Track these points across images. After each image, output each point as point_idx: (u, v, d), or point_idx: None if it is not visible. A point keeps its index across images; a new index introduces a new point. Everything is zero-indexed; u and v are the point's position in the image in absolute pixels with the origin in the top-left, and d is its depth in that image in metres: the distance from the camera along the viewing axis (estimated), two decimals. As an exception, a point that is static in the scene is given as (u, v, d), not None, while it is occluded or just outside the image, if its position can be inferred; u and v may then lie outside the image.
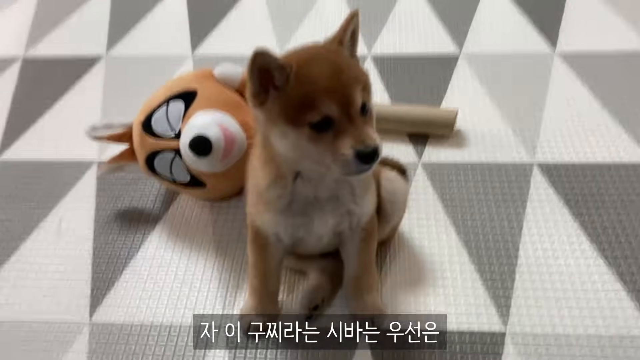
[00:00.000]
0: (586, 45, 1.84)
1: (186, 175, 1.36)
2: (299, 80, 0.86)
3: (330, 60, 0.88)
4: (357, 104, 0.87)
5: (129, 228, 1.42)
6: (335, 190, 1.00)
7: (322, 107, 0.85)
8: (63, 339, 1.20)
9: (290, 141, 0.89)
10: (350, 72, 0.87)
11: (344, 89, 0.85)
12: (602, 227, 1.32)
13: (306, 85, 0.86)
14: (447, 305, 1.19)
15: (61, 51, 2.05)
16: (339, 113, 0.85)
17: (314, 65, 0.87)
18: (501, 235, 1.32)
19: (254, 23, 2.08)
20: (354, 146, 0.85)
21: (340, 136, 0.86)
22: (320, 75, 0.86)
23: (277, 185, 0.99)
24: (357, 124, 0.86)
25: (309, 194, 0.99)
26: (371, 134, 0.87)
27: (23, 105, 1.83)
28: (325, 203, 1.01)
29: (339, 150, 0.86)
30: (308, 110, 0.85)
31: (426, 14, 2.05)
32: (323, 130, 0.86)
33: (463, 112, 1.63)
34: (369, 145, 0.85)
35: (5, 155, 1.66)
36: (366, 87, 0.89)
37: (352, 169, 0.87)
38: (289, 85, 0.86)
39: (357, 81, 0.87)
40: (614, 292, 1.19)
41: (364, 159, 0.86)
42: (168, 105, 1.35)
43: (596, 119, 1.58)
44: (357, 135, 0.86)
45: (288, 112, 0.87)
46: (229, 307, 1.23)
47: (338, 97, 0.85)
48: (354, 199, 1.02)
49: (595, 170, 1.45)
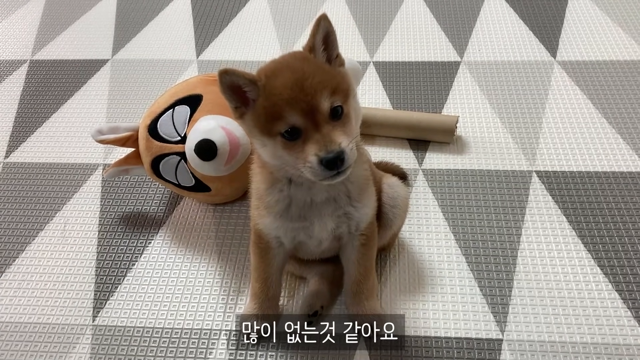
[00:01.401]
0: (586, 54, 1.86)
1: (191, 179, 1.38)
2: (267, 92, 0.89)
3: (295, 69, 0.90)
4: (323, 110, 0.88)
5: (133, 231, 1.44)
6: (330, 193, 1.02)
7: (287, 117, 0.88)
8: (66, 341, 1.22)
9: (268, 150, 0.93)
10: (315, 80, 0.88)
11: (307, 98, 0.87)
12: (600, 235, 1.33)
13: (273, 97, 0.89)
14: (445, 312, 1.21)
15: (68, 54, 2.07)
16: (304, 121, 0.88)
17: (279, 77, 0.89)
18: (500, 242, 1.34)
19: (258, 29, 2.10)
20: (317, 153, 0.87)
21: (307, 143, 0.89)
22: (284, 86, 0.88)
23: (274, 189, 1.02)
24: (323, 130, 0.88)
25: (305, 197, 1.01)
26: (336, 138, 0.88)
27: (30, 108, 1.86)
28: (322, 206, 1.03)
29: (306, 158, 0.88)
30: (276, 120, 0.89)
31: (428, 21, 2.07)
32: (293, 138, 0.89)
33: (464, 119, 1.65)
34: (332, 150, 0.87)
35: (12, 157, 1.68)
36: (337, 90, 0.90)
37: (319, 175, 0.89)
38: (260, 98, 0.90)
39: (323, 87, 0.88)
40: (610, 301, 1.21)
41: (328, 165, 0.88)
42: (174, 110, 1.38)
43: (595, 128, 1.60)
44: (320, 142, 0.88)
45: (261, 123, 0.91)
46: (230, 310, 1.25)
47: (301, 106, 0.88)
48: (351, 201, 1.04)
49: (594, 179, 1.46)
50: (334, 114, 0.90)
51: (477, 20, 2.05)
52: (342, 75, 0.95)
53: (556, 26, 1.99)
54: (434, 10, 2.12)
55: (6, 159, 1.68)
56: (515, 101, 1.71)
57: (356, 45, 1.98)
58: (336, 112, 0.90)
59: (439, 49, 1.94)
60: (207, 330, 1.22)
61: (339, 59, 0.98)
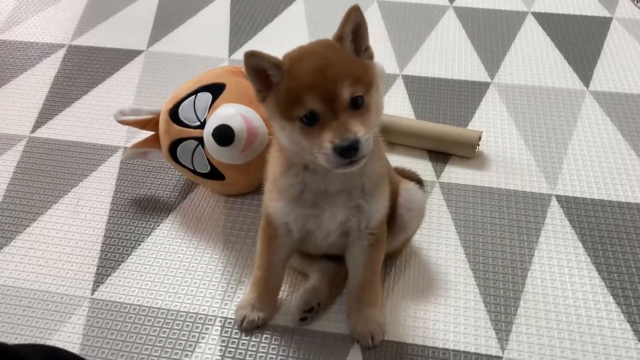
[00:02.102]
0: (620, 86, 1.82)
1: (206, 166, 1.38)
2: (290, 76, 0.90)
3: (320, 56, 0.91)
4: (343, 98, 0.88)
5: (143, 213, 1.45)
6: (344, 184, 1.01)
7: (307, 102, 0.88)
8: (63, 310, 1.23)
9: (287, 134, 0.94)
10: (338, 68, 0.89)
11: (327, 84, 0.88)
12: (616, 265, 1.28)
13: (295, 82, 0.90)
14: (446, 323, 1.18)
15: (105, 42, 2.12)
16: (323, 107, 0.88)
17: (303, 62, 0.90)
18: (511, 261, 1.30)
19: (292, 34, 2.12)
20: (333, 140, 0.87)
21: (324, 130, 0.89)
22: (307, 71, 0.89)
23: (289, 174, 1.02)
24: (341, 118, 0.88)
25: (319, 185, 1.01)
26: (352, 127, 0.88)
27: (62, 88, 1.90)
28: (335, 196, 1.02)
29: (322, 144, 0.88)
30: (296, 105, 0.89)
31: (462, 41, 2.06)
32: (311, 123, 0.90)
33: (488, 136, 1.63)
34: (347, 139, 0.87)
35: (38, 132, 1.71)
36: (360, 80, 0.90)
37: (333, 162, 0.89)
38: (283, 81, 0.91)
39: (345, 76, 0.88)
40: (620, 331, 1.15)
41: (342, 153, 0.87)
42: (196, 96, 1.39)
43: (623, 159, 1.55)
44: (337, 129, 0.88)
45: (282, 107, 0.92)
46: (228, 299, 1.24)
47: (321, 93, 0.88)
48: (364, 195, 1.03)
49: (615, 208, 1.41)
50: (354, 103, 0.90)
51: (512, 44, 2.03)
52: (367, 67, 0.95)
53: (592, 57, 1.96)
54: (469, 31, 2.11)
55: (32, 133, 1.71)
56: (542, 125, 1.68)
57: (387, 58, 1.98)
58: (356, 102, 0.90)
59: (470, 69, 1.92)
60: (203, 315, 1.21)
61: (368, 52, 0.97)
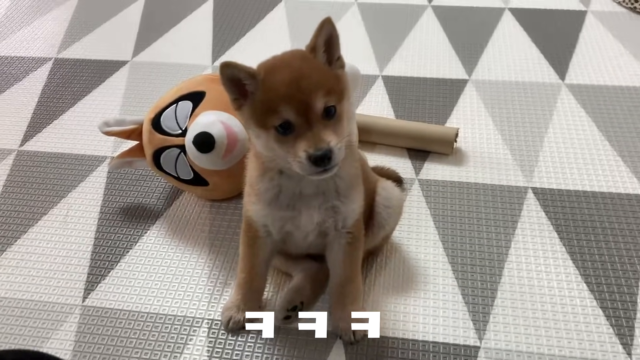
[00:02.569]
0: (595, 79, 1.86)
1: (190, 172, 1.42)
2: (264, 86, 0.94)
3: (293, 67, 0.94)
4: (317, 108, 0.92)
5: (130, 221, 1.49)
6: (319, 187, 1.05)
7: (282, 112, 0.92)
8: (55, 318, 1.26)
9: (262, 141, 0.98)
10: (311, 79, 0.92)
11: (302, 96, 0.91)
12: (590, 253, 1.32)
13: (270, 92, 0.93)
14: (425, 316, 1.21)
15: (90, 54, 2.15)
16: (297, 118, 0.92)
17: (278, 73, 0.94)
18: (488, 253, 1.34)
19: (274, 41, 2.15)
20: (307, 150, 0.91)
21: (298, 139, 0.93)
22: (282, 82, 0.92)
23: (265, 178, 1.06)
24: (314, 128, 0.92)
25: (295, 189, 1.05)
26: (326, 137, 0.92)
27: (49, 101, 1.93)
28: (311, 198, 1.06)
29: (297, 153, 0.92)
30: (271, 114, 0.93)
31: (441, 40, 2.10)
32: (286, 133, 0.93)
33: (465, 133, 1.67)
34: (320, 148, 0.91)
35: (27, 146, 1.75)
36: (333, 91, 0.94)
37: (307, 170, 0.93)
38: (258, 91, 0.94)
39: (319, 87, 0.92)
40: (593, 317, 1.19)
41: (316, 162, 0.91)
42: (177, 105, 1.43)
43: (597, 150, 1.59)
44: (311, 139, 0.92)
45: (257, 116, 0.95)
46: (215, 301, 1.27)
47: (296, 103, 0.91)
48: (339, 196, 1.07)
49: (590, 199, 1.45)
50: (327, 113, 0.94)
51: (490, 41, 2.07)
52: (339, 77, 0.99)
53: (568, 50, 2.00)
54: (448, 30, 2.15)
55: (21, 147, 1.75)
56: (518, 119, 1.72)
57: (367, 60, 2.02)
58: (329, 111, 0.94)
59: (449, 67, 1.96)
60: (190, 317, 1.24)
61: (340, 62, 1.01)
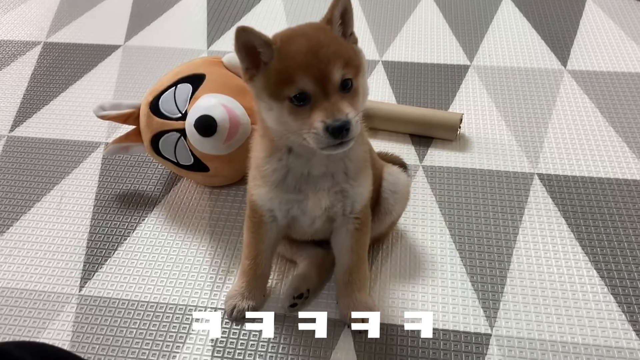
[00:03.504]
0: (597, 64, 1.84)
1: (190, 158, 1.37)
2: (280, 56, 0.90)
3: (311, 37, 0.91)
4: (334, 79, 0.89)
5: (127, 208, 1.44)
6: (328, 167, 1.02)
7: (298, 81, 0.89)
8: (51, 307, 1.22)
9: (274, 114, 0.93)
10: (330, 49, 0.89)
11: (320, 65, 0.88)
12: (599, 239, 1.31)
13: (286, 61, 0.90)
14: (434, 304, 1.19)
15: (81, 39, 2.09)
16: (314, 88, 0.89)
17: (295, 42, 0.90)
18: (495, 240, 1.31)
19: (269, 25, 2.11)
20: (324, 120, 0.88)
21: (314, 110, 0.89)
22: (299, 51, 0.89)
23: (272, 159, 1.02)
24: (332, 99, 0.89)
25: (303, 169, 1.01)
26: (344, 108, 0.89)
27: (39, 86, 1.87)
28: (319, 180, 1.02)
29: (312, 124, 0.89)
30: (287, 84, 0.89)
31: (440, 25, 2.07)
32: (301, 104, 0.90)
33: (469, 119, 1.64)
34: (339, 119, 0.88)
35: (17, 131, 1.69)
36: (350, 63, 0.91)
37: (323, 142, 0.90)
38: (273, 60, 0.91)
39: (337, 58, 0.89)
40: (605, 304, 1.18)
41: (333, 133, 0.88)
42: (176, 88, 1.38)
43: (601, 135, 1.58)
44: (328, 110, 0.88)
45: (271, 87, 0.91)
46: (217, 290, 1.24)
47: (313, 73, 0.88)
48: (347, 179, 1.04)
49: (596, 184, 1.44)
50: (344, 85, 0.91)
51: (490, 26, 2.05)
52: (356, 51, 0.97)
53: (569, 36, 1.98)
54: (447, 15, 2.12)
55: (11, 132, 1.69)
56: (522, 105, 1.69)
57: (366, 44, 1.98)
58: (346, 84, 0.91)
59: (449, 53, 1.93)
60: (192, 306, 1.20)
61: (353, 37, 0.99)
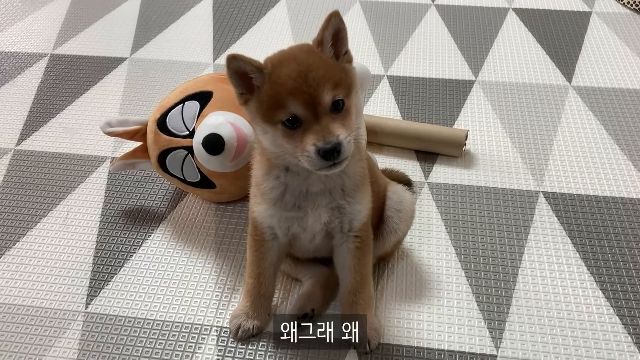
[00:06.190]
0: (602, 81, 1.84)
1: (197, 175, 1.38)
2: (272, 81, 0.92)
3: (301, 61, 0.92)
4: (325, 102, 0.91)
5: (133, 225, 1.45)
6: (326, 184, 1.03)
7: (289, 106, 0.90)
8: (57, 325, 1.22)
9: (269, 137, 0.96)
10: (319, 73, 0.91)
11: (309, 89, 0.90)
12: (604, 259, 1.31)
13: (277, 86, 0.91)
14: (440, 324, 1.19)
15: (87, 51, 2.10)
16: (305, 112, 0.90)
17: (285, 67, 0.92)
18: (501, 259, 1.31)
19: (275, 38, 2.12)
20: (316, 143, 0.90)
21: (306, 133, 0.91)
22: (289, 76, 0.90)
23: (270, 176, 1.03)
24: (323, 121, 0.91)
25: (301, 187, 1.02)
26: (334, 130, 0.90)
27: (46, 99, 1.88)
28: (317, 197, 1.03)
29: (305, 147, 0.90)
30: (278, 109, 0.91)
31: (445, 40, 2.08)
32: (294, 127, 0.92)
33: (474, 135, 1.64)
34: (330, 142, 0.90)
35: (24, 145, 1.70)
36: (340, 84, 0.92)
37: (316, 164, 0.91)
38: (265, 85, 0.92)
39: (326, 81, 0.90)
40: (611, 325, 1.17)
41: (325, 156, 0.90)
42: (183, 105, 1.38)
43: (607, 153, 1.58)
44: (319, 133, 0.90)
45: (264, 111, 0.93)
46: (223, 308, 1.24)
47: (304, 97, 0.90)
48: (344, 195, 1.05)
49: (602, 203, 1.44)
50: (335, 106, 0.93)
51: (495, 41, 2.05)
52: (347, 71, 0.98)
53: (574, 52, 1.98)
54: (452, 30, 2.13)
55: (17, 146, 1.70)
56: (527, 122, 1.70)
57: (372, 59, 1.99)
58: (337, 105, 0.93)
59: (454, 68, 1.94)
60: (199, 325, 1.21)
61: (348, 56, 1.00)
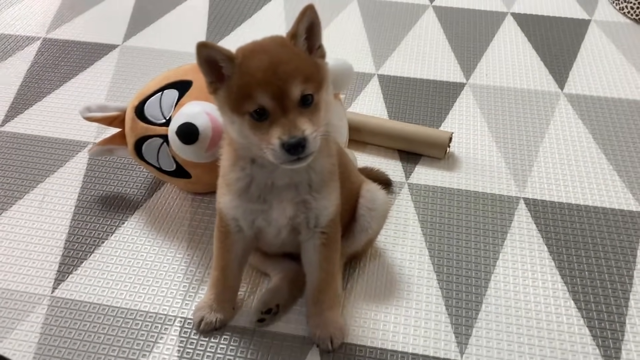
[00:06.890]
0: (594, 89, 1.82)
1: (172, 164, 1.37)
2: (241, 71, 0.91)
3: (272, 53, 0.91)
4: (293, 96, 0.89)
5: (108, 211, 1.44)
6: (292, 178, 1.01)
7: (257, 98, 0.89)
8: (22, 308, 1.21)
9: (236, 128, 0.94)
10: (289, 66, 0.90)
11: (279, 82, 0.89)
12: (579, 269, 1.28)
13: (246, 77, 0.90)
14: (406, 326, 1.17)
15: (80, 36, 2.09)
16: (272, 104, 0.89)
17: (255, 58, 0.91)
18: (475, 264, 1.29)
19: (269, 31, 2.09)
20: (280, 137, 0.88)
21: (273, 126, 0.90)
22: (259, 68, 0.89)
23: (236, 167, 1.02)
24: (290, 115, 0.89)
25: (267, 180, 1.01)
26: (301, 125, 0.89)
27: (34, 82, 1.87)
28: (282, 191, 1.02)
29: (270, 140, 0.89)
30: (246, 100, 0.90)
31: (440, 41, 2.05)
32: (261, 119, 0.90)
33: (459, 138, 1.62)
34: (295, 136, 0.88)
35: (7, 127, 1.69)
36: (311, 79, 0.91)
37: (280, 158, 0.90)
38: (234, 75, 0.91)
39: (297, 74, 0.89)
40: (580, 336, 1.15)
41: (289, 150, 0.89)
42: (162, 93, 1.37)
43: (593, 163, 1.55)
44: (285, 126, 0.89)
45: (232, 101, 0.92)
46: (189, 299, 1.22)
47: (272, 89, 0.89)
48: (311, 191, 1.03)
49: (583, 212, 1.41)
50: (304, 101, 0.91)
51: (490, 45, 2.03)
52: (319, 66, 0.96)
53: (569, 59, 1.96)
54: (448, 32, 2.10)
55: (1, 127, 1.69)
56: (514, 127, 1.67)
57: (364, 57, 1.97)
58: (306, 99, 0.91)
59: (446, 70, 1.92)
60: (163, 315, 1.19)
61: (321, 50, 0.98)
